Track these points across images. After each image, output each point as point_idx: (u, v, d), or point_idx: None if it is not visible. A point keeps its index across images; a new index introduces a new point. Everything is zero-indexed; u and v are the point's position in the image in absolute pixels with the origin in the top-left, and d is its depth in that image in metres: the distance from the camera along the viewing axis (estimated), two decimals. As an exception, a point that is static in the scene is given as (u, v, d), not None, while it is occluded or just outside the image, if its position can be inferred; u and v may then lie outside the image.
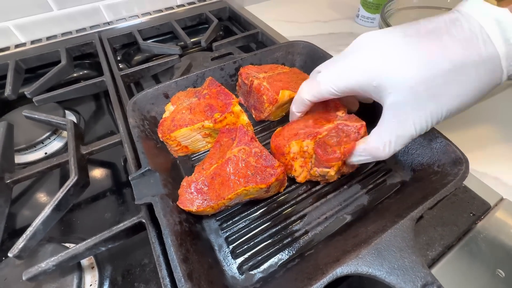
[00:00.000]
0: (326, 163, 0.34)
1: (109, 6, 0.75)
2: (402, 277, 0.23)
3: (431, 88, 0.26)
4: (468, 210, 0.36)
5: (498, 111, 0.54)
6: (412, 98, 0.27)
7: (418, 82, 0.26)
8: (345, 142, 0.34)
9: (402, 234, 0.26)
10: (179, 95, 0.44)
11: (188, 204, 0.32)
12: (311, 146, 0.34)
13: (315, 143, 0.34)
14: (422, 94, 0.26)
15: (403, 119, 0.28)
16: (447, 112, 0.28)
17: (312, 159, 0.36)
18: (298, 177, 0.38)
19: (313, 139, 0.35)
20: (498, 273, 0.33)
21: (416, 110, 0.27)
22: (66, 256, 0.31)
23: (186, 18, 0.77)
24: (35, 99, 0.53)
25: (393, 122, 0.29)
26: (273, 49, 0.53)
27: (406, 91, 0.27)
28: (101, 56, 0.64)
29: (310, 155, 0.35)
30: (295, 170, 0.37)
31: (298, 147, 0.35)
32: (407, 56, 0.27)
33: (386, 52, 0.28)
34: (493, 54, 0.24)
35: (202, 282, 0.26)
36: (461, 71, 0.25)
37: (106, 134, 0.57)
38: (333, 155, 0.33)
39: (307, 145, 0.34)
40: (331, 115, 0.38)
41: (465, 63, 0.25)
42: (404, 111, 0.28)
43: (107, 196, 0.46)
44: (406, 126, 0.28)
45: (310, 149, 0.35)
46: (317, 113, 0.39)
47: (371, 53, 0.29)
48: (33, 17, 0.67)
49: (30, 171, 0.42)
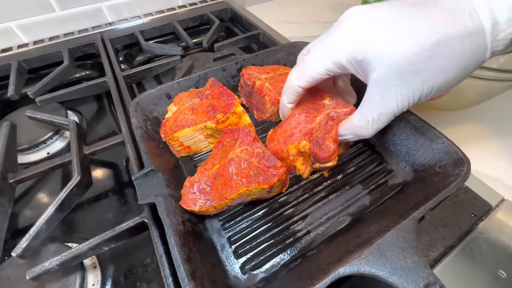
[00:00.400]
0: (325, 160, 0.34)
1: (111, 6, 0.75)
2: (404, 277, 0.23)
3: (415, 63, 0.25)
4: (470, 210, 0.36)
5: (501, 112, 0.54)
6: (396, 74, 0.26)
7: (402, 57, 0.25)
8: (330, 128, 0.34)
9: (404, 234, 0.26)
10: (182, 95, 0.44)
11: (191, 204, 0.32)
12: (308, 147, 0.35)
13: (311, 143, 0.35)
14: (405, 69, 0.26)
15: (386, 96, 0.28)
16: (430, 90, 0.27)
17: (311, 156, 0.36)
18: (304, 174, 0.38)
19: (308, 139, 0.35)
20: (500, 274, 0.33)
21: (399, 86, 0.27)
22: (69, 256, 0.32)
23: (188, 19, 0.78)
24: (37, 100, 0.53)
25: (376, 100, 0.28)
26: (275, 50, 0.53)
27: (390, 66, 0.26)
28: (103, 57, 0.64)
29: (308, 155, 0.36)
30: (298, 169, 0.37)
31: (296, 150, 0.35)
32: (392, 30, 0.26)
33: (372, 25, 0.27)
34: (479, 28, 0.24)
35: (205, 281, 0.26)
36: (446, 45, 0.25)
37: (108, 135, 0.57)
38: (329, 152, 0.33)
39: (304, 147, 0.35)
40: (319, 105, 0.38)
41: (451, 36, 0.24)
42: (387, 87, 0.27)
43: (109, 196, 0.46)
44: (388, 104, 0.28)
45: (307, 149, 0.35)
46: (305, 106, 0.39)
47: (357, 27, 0.28)
48: (36, 17, 0.68)
49: (33, 171, 0.42)
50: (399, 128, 0.41)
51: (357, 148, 0.44)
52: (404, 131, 0.40)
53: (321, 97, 0.39)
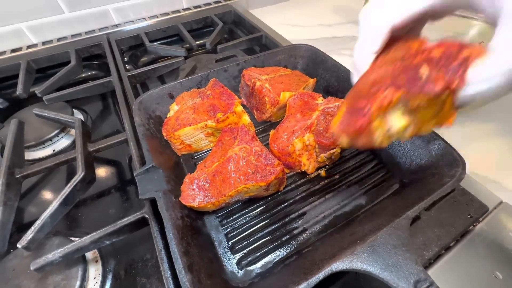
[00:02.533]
0: (331, 146, 0.36)
1: (117, 9, 0.77)
2: (395, 273, 0.24)
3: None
4: (466, 212, 0.37)
5: (501, 117, 0.54)
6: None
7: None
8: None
9: (397, 232, 0.27)
10: (184, 95, 0.45)
11: (190, 200, 0.33)
12: (312, 139, 0.36)
13: (314, 135, 0.36)
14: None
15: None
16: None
17: (315, 149, 0.37)
18: (309, 169, 0.39)
19: (310, 132, 0.36)
20: (496, 275, 0.33)
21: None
22: (72, 248, 0.33)
23: (192, 21, 0.79)
24: (45, 98, 0.55)
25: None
26: (276, 52, 0.54)
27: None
28: (109, 57, 0.66)
29: (313, 146, 0.37)
30: (304, 164, 0.39)
31: (301, 143, 0.36)
32: None
33: None
34: None
35: (202, 274, 0.27)
36: None
37: (112, 133, 0.58)
38: (333, 138, 0.35)
39: (308, 139, 0.36)
40: (312, 104, 0.40)
41: None
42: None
43: (112, 193, 0.47)
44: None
45: (312, 141, 0.36)
46: (299, 108, 0.41)
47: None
48: (45, 19, 0.70)
49: (39, 166, 0.44)
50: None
51: (355, 148, 0.45)
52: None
53: (312, 98, 0.41)
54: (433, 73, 0.21)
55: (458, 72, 0.20)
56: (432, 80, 0.20)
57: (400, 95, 0.21)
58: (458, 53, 0.20)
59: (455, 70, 0.20)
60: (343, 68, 0.48)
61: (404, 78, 0.21)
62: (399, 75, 0.22)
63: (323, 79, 0.53)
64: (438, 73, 0.20)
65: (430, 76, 0.20)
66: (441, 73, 0.20)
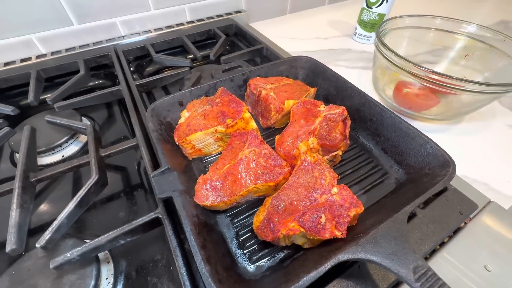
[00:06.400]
0: (334, 148, 0.40)
1: (124, 21, 0.80)
2: (396, 261, 0.26)
3: None
4: (457, 209, 0.40)
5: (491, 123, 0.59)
6: None
7: None
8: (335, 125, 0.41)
9: (396, 225, 0.29)
10: (194, 102, 0.48)
11: (204, 199, 0.35)
12: (316, 142, 0.39)
13: (318, 139, 0.40)
14: None
15: None
16: None
17: (319, 152, 0.40)
18: None
19: (314, 136, 0.40)
20: (487, 268, 0.36)
21: None
22: (89, 247, 0.34)
23: (196, 33, 0.83)
24: (56, 105, 0.57)
25: None
26: (278, 63, 0.58)
27: None
28: (117, 67, 0.68)
29: (317, 149, 0.39)
30: None
31: (306, 146, 0.39)
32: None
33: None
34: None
35: (218, 267, 0.29)
36: None
37: (119, 139, 0.60)
38: (336, 139, 0.39)
39: (312, 142, 0.39)
40: (314, 111, 0.44)
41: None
42: None
43: (121, 197, 0.49)
44: None
45: (315, 144, 0.39)
46: (302, 115, 0.45)
47: None
48: (55, 30, 0.73)
49: (52, 171, 0.45)
50: (393, 134, 0.45)
51: (354, 152, 0.48)
52: (396, 137, 0.44)
53: (315, 105, 0.45)
54: (327, 224, 0.31)
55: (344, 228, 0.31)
56: (326, 229, 0.31)
57: (302, 230, 0.31)
58: (348, 211, 0.32)
59: (344, 225, 0.31)
60: (341, 78, 0.52)
61: (308, 220, 0.31)
62: (305, 213, 0.32)
63: (322, 88, 0.56)
64: (331, 226, 0.31)
65: (325, 226, 0.31)
66: (332, 226, 0.31)
